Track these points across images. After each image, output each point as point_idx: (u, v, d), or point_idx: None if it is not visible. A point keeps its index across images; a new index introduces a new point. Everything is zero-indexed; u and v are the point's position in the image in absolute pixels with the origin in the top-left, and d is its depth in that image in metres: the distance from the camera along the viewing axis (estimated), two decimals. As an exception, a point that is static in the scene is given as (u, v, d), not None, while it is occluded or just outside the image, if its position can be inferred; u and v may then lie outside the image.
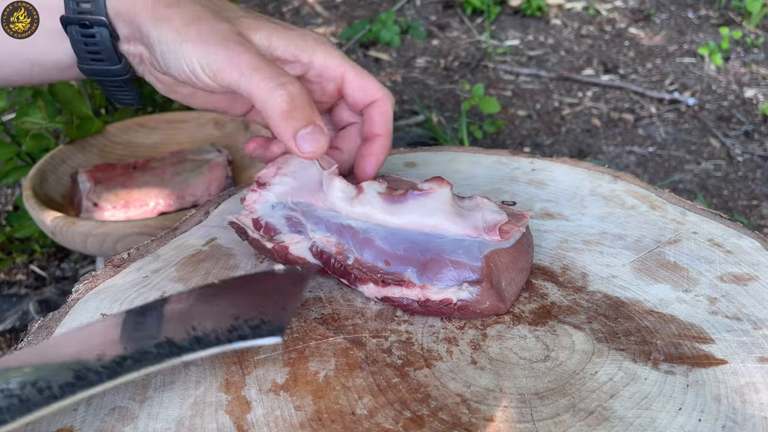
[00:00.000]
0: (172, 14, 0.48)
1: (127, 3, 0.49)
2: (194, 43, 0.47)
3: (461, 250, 0.47)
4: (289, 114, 0.46)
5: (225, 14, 0.50)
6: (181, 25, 0.47)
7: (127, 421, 0.40)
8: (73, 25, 0.49)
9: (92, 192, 0.98)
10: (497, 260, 0.47)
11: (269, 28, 0.50)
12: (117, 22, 0.50)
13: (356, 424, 0.39)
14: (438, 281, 0.46)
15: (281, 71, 0.47)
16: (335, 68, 0.51)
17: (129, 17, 0.49)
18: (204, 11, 0.49)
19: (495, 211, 0.49)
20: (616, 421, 0.39)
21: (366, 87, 0.52)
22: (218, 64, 0.47)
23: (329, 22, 2.30)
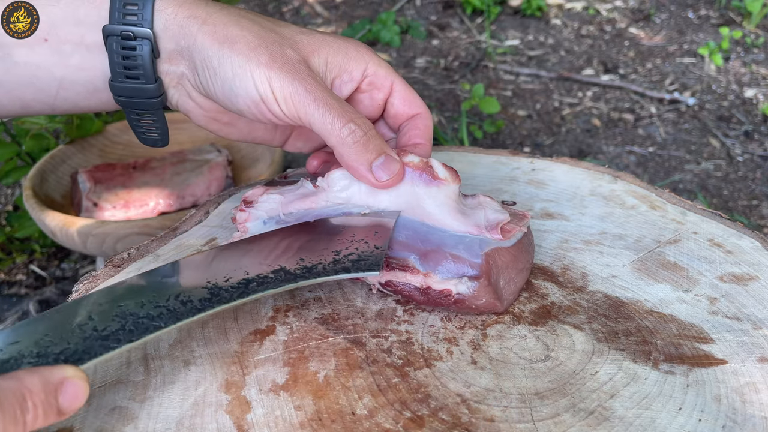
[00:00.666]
0: (236, 36, 0.47)
1: (179, 19, 0.48)
2: (269, 68, 0.47)
3: (462, 245, 0.47)
4: (363, 148, 0.47)
5: (283, 34, 0.49)
6: (248, 49, 0.47)
7: (127, 421, 0.40)
8: (115, 36, 0.48)
9: (92, 192, 0.98)
10: (497, 258, 0.47)
11: (325, 48, 0.50)
12: (163, 37, 0.48)
13: (356, 424, 0.39)
14: (438, 272, 0.46)
15: (349, 108, 0.48)
16: (384, 78, 0.52)
17: (179, 34, 0.48)
18: (266, 33, 0.48)
19: (497, 210, 0.49)
20: (616, 421, 0.39)
21: (411, 100, 0.53)
22: (296, 95, 0.47)
23: (329, 22, 2.30)
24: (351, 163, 0.47)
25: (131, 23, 0.48)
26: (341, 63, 0.51)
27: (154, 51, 0.49)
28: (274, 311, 0.49)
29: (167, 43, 0.49)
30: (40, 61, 0.49)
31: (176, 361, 0.45)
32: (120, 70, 0.49)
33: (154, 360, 0.45)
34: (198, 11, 0.48)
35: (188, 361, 0.44)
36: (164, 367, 0.44)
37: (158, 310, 0.40)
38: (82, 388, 0.35)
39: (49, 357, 0.36)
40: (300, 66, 0.48)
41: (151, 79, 0.50)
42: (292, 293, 0.50)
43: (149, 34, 0.48)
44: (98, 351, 0.37)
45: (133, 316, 0.39)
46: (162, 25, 0.48)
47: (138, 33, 0.48)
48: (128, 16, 0.48)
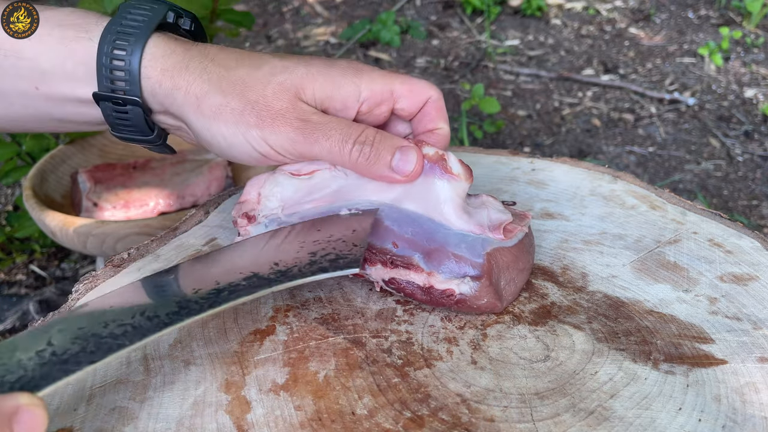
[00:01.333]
0: (220, 106, 0.47)
1: (164, 89, 0.48)
2: (261, 129, 0.47)
3: (464, 245, 0.47)
4: (376, 157, 0.48)
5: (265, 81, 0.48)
6: (235, 116, 0.47)
7: (127, 421, 0.40)
8: (105, 102, 0.49)
9: (92, 192, 0.98)
10: (499, 258, 0.47)
11: (310, 83, 0.49)
12: (152, 101, 0.49)
13: (356, 424, 0.39)
14: (441, 271, 0.46)
15: (346, 126, 0.48)
16: (381, 92, 0.51)
17: (167, 102, 0.49)
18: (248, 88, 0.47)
19: (500, 210, 0.49)
20: (616, 421, 0.39)
21: (414, 91, 0.52)
22: (295, 144, 0.47)
23: (329, 22, 2.30)
24: (374, 176, 0.48)
25: (120, 89, 0.48)
26: (329, 94, 0.49)
27: (145, 111, 0.50)
28: (274, 311, 0.49)
29: (157, 105, 0.50)
30: (36, 105, 0.50)
31: (176, 361, 0.45)
32: (117, 124, 0.50)
33: (154, 360, 0.45)
34: (179, 80, 0.48)
35: (188, 361, 0.44)
36: (164, 367, 0.44)
37: (122, 329, 0.38)
38: (39, 416, 0.32)
39: (4, 386, 0.34)
40: (288, 113, 0.47)
41: (148, 131, 0.51)
42: (292, 293, 0.50)
43: (138, 101, 0.48)
44: (57, 375, 0.35)
45: (95, 336, 0.38)
46: (149, 91, 0.48)
47: (127, 100, 0.48)
48: (116, 81, 0.48)
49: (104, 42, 0.47)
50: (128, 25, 0.48)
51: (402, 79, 0.51)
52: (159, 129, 0.52)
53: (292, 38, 2.22)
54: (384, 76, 0.51)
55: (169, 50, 0.48)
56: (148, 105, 0.49)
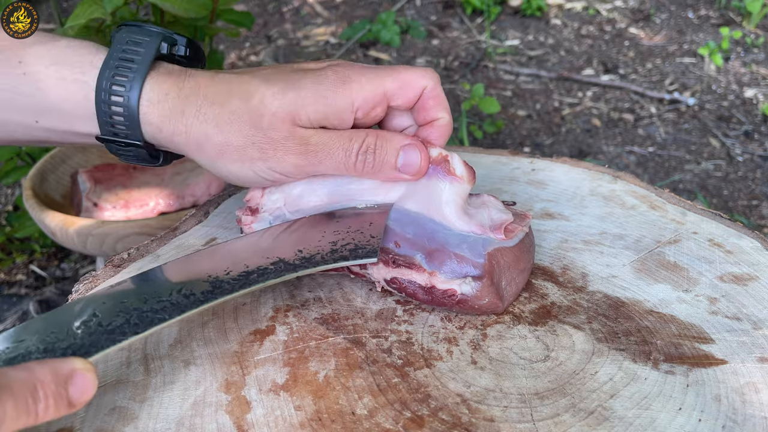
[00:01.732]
0: (222, 145, 0.48)
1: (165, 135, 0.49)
2: (265, 161, 0.48)
3: (465, 245, 0.47)
4: (381, 164, 0.49)
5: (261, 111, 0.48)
6: (239, 153, 0.48)
7: (127, 421, 0.40)
8: (110, 143, 0.50)
9: (92, 192, 0.98)
10: (500, 258, 0.47)
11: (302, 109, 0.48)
12: (154, 142, 0.50)
13: (356, 424, 0.39)
14: (443, 272, 0.46)
15: (346, 139, 0.49)
16: (373, 97, 0.50)
17: (169, 145, 0.50)
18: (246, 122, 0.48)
19: (501, 210, 0.49)
20: (616, 421, 0.39)
21: (405, 86, 0.50)
22: (302, 168, 0.49)
23: (329, 22, 2.30)
24: (382, 179, 0.50)
25: (122, 133, 0.49)
26: (325, 114, 0.49)
27: (148, 149, 0.50)
28: (274, 311, 0.49)
29: (162, 143, 0.50)
30: (37, 134, 0.51)
31: (176, 361, 0.45)
32: (123, 156, 0.52)
33: (154, 360, 0.45)
34: (178, 125, 0.48)
35: (188, 361, 0.44)
36: (164, 367, 0.44)
37: (161, 304, 0.41)
38: (91, 380, 0.36)
39: (57, 352, 0.37)
40: (288, 142, 0.48)
41: (156, 161, 0.52)
42: (292, 293, 0.50)
43: (140, 144, 0.50)
44: (104, 344, 0.38)
45: (137, 310, 0.40)
46: (151, 136, 0.49)
47: (131, 143, 0.50)
48: (117, 125, 0.49)
49: (101, 88, 0.48)
50: (123, 66, 0.48)
51: (393, 76, 0.50)
52: (165, 154, 0.52)
53: (292, 38, 2.22)
54: (373, 80, 0.49)
55: (163, 94, 0.48)
56: (152, 144, 0.50)
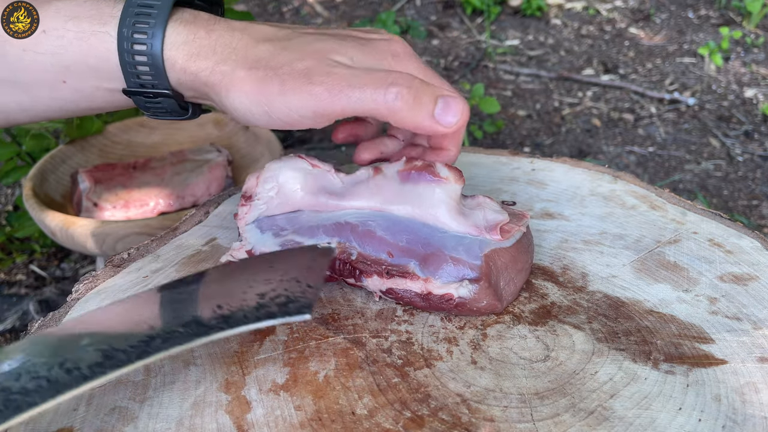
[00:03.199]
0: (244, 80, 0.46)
1: (188, 76, 0.47)
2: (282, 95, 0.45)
3: (461, 247, 0.47)
4: (416, 103, 0.44)
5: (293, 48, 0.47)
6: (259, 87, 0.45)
7: (127, 421, 0.40)
8: (137, 96, 0.49)
9: (92, 192, 0.98)
10: (497, 259, 0.47)
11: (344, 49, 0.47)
12: (181, 88, 0.49)
13: (356, 424, 0.39)
14: (439, 276, 0.46)
15: (382, 73, 0.45)
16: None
17: (194, 88, 0.48)
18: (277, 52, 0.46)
19: (497, 210, 0.49)
20: (616, 421, 0.39)
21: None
22: (315, 101, 0.44)
23: (329, 22, 2.30)
24: (414, 123, 0.45)
25: (148, 83, 0.48)
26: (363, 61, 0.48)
27: (177, 98, 0.49)
28: (274, 311, 0.49)
29: (186, 91, 0.49)
30: (64, 97, 0.50)
31: (176, 361, 0.45)
32: (150, 110, 0.50)
33: (154, 360, 0.45)
34: (206, 62, 0.46)
35: (188, 361, 0.44)
36: (164, 367, 0.44)
37: (36, 383, 0.34)
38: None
39: None
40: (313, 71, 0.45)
41: (182, 112, 0.51)
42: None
43: (168, 93, 0.48)
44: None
45: (5, 392, 0.33)
46: (176, 81, 0.48)
47: (157, 93, 0.48)
48: (143, 76, 0.47)
49: (122, 37, 0.46)
50: (143, 12, 0.46)
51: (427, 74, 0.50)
52: (193, 106, 0.51)
53: (292, 38, 2.21)
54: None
55: (191, 35, 0.47)
56: (178, 92, 0.49)
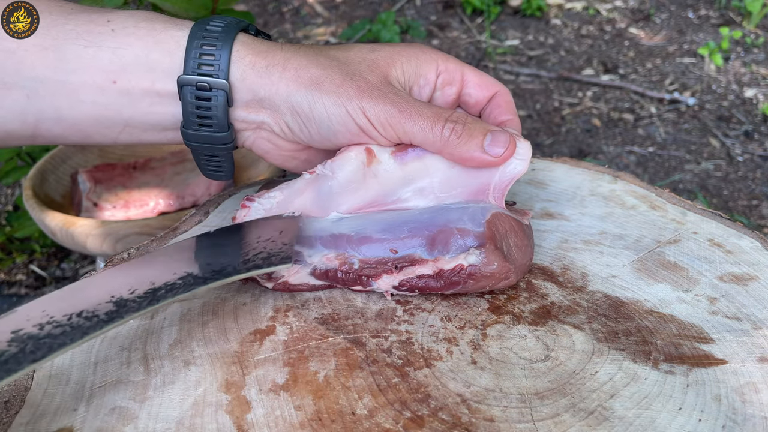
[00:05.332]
0: (320, 77, 0.48)
1: (257, 69, 0.48)
2: (360, 99, 0.47)
3: (466, 216, 0.48)
4: (468, 137, 0.48)
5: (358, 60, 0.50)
6: (336, 86, 0.48)
7: (127, 421, 0.40)
8: (190, 87, 0.48)
9: (92, 192, 0.98)
10: (497, 224, 0.47)
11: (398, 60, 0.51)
12: (239, 88, 0.48)
13: (356, 424, 0.39)
14: (447, 252, 0.47)
15: (438, 108, 0.49)
16: (455, 71, 0.53)
17: (258, 84, 0.48)
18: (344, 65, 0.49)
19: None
20: (616, 421, 0.39)
21: (485, 83, 0.54)
22: (391, 118, 0.47)
23: (329, 22, 2.30)
24: (465, 155, 0.48)
25: (207, 74, 0.47)
26: (415, 69, 0.52)
27: (228, 101, 0.48)
28: (274, 311, 0.49)
29: (244, 93, 0.49)
30: (108, 102, 0.48)
31: (176, 361, 0.45)
32: (193, 119, 0.49)
33: (154, 360, 0.45)
34: (275, 59, 0.48)
35: (188, 361, 0.44)
36: (164, 367, 0.44)
37: (60, 329, 0.37)
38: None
39: None
40: (384, 88, 0.48)
41: (225, 127, 0.49)
42: (292, 293, 0.50)
43: (225, 85, 0.47)
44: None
45: (33, 338, 0.37)
46: (239, 76, 0.48)
47: (214, 84, 0.47)
48: (203, 66, 0.47)
49: (194, 34, 0.47)
50: (215, 24, 0.48)
51: (475, 70, 0.54)
52: (233, 129, 0.50)
53: (292, 38, 2.22)
54: (457, 60, 0.53)
55: (258, 42, 0.49)
56: (233, 95, 0.48)
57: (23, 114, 0.48)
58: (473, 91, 0.54)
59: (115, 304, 0.40)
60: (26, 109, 0.48)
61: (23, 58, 0.47)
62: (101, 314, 0.39)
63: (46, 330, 0.37)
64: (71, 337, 0.37)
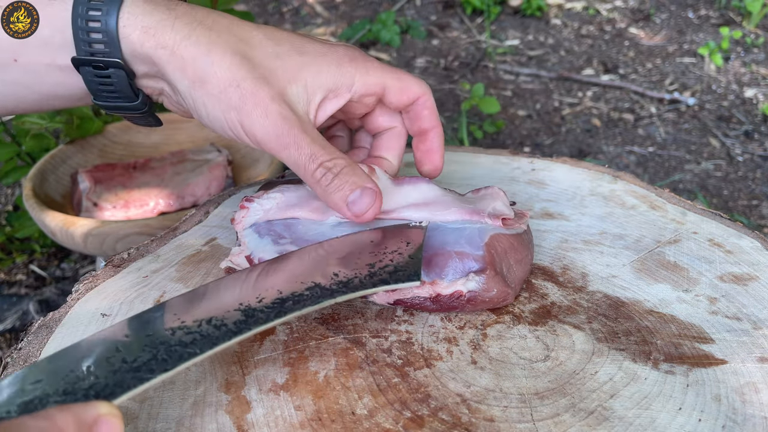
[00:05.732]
0: (206, 74, 0.46)
1: (146, 49, 0.46)
2: (239, 111, 0.46)
3: (463, 239, 0.47)
4: (336, 188, 0.47)
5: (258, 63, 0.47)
6: (219, 91, 0.46)
7: (127, 421, 0.40)
8: (86, 66, 0.47)
9: (92, 192, 0.98)
10: (497, 246, 0.47)
11: (304, 73, 0.48)
12: (134, 62, 0.48)
13: (356, 424, 0.39)
14: (445, 275, 0.46)
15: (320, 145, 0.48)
16: (374, 85, 0.51)
17: (150, 62, 0.47)
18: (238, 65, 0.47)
19: (506, 204, 0.50)
20: (616, 421, 0.39)
21: (405, 89, 0.52)
22: (268, 139, 0.47)
23: (329, 22, 2.30)
24: (330, 203, 0.48)
25: (99, 52, 0.46)
26: (323, 83, 0.49)
27: (128, 74, 0.48)
28: (274, 311, 0.49)
29: (140, 66, 0.48)
30: (16, 79, 0.48)
31: (176, 361, 0.44)
32: (99, 92, 0.49)
33: (154, 360, 0.45)
34: (165, 38, 0.46)
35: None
36: (164, 367, 0.44)
37: (191, 337, 0.37)
38: (117, 426, 0.31)
39: (78, 394, 0.33)
40: (272, 105, 0.47)
41: (132, 97, 0.49)
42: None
43: (119, 63, 0.47)
44: (131, 383, 0.34)
45: (164, 344, 0.36)
46: (130, 52, 0.47)
47: (108, 63, 0.47)
48: (94, 44, 0.46)
49: (78, 4, 0.46)
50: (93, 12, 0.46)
51: (396, 75, 0.52)
52: (143, 95, 0.50)
53: (292, 38, 2.21)
54: (378, 69, 0.51)
55: (149, 8, 0.46)
56: (130, 67, 0.48)
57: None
58: (393, 98, 0.52)
59: (244, 314, 0.39)
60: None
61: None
62: (230, 324, 0.38)
63: (177, 336, 0.37)
64: (201, 347, 0.36)
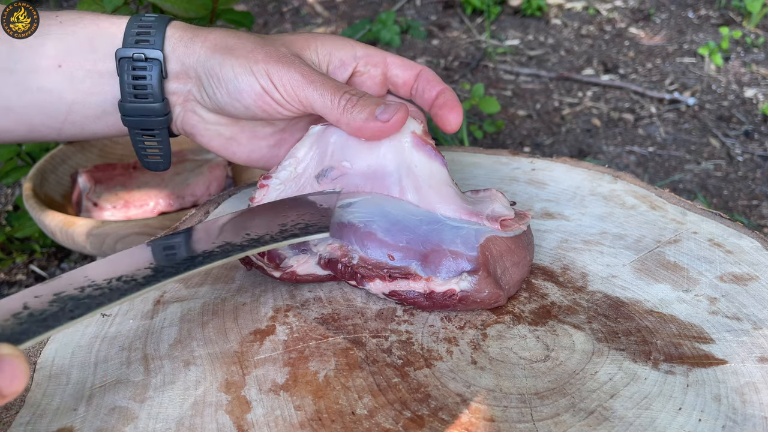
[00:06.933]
0: (234, 44, 0.52)
1: (184, 40, 0.53)
2: (266, 63, 0.51)
3: (459, 239, 0.47)
4: (362, 106, 0.50)
5: (275, 39, 0.54)
6: (246, 51, 0.52)
7: (127, 421, 0.40)
8: (127, 59, 0.52)
9: (92, 192, 0.98)
10: (492, 248, 0.47)
11: (313, 42, 0.55)
12: (171, 59, 0.53)
13: (356, 424, 0.39)
14: (440, 273, 0.46)
15: (344, 84, 0.52)
16: (376, 55, 0.56)
17: (185, 54, 0.53)
18: (260, 39, 0.53)
19: (505, 206, 0.50)
20: (616, 421, 0.39)
21: (407, 64, 0.57)
22: (293, 81, 0.51)
23: (329, 22, 2.30)
24: (356, 123, 0.50)
25: (143, 46, 0.52)
26: (331, 51, 0.55)
27: (162, 72, 0.53)
28: (274, 311, 0.49)
29: (174, 64, 0.53)
30: (52, 86, 0.52)
31: (176, 361, 0.45)
32: (130, 90, 0.53)
33: (154, 360, 0.45)
34: (200, 32, 0.54)
35: (188, 361, 0.44)
36: (164, 367, 0.44)
37: (99, 291, 0.39)
38: (20, 367, 0.31)
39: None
40: (294, 58, 0.52)
41: (159, 98, 0.53)
42: (292, 293, 0.50)
43: (159, 55, 0.52)
44: (36, 331, 0.35)
45: (73, 299, 0.38)
46: (170, 48, 0.53)
47: (149, 55, 0.52)
48: (140, 41, 0.52)
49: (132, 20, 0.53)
50: (150, 15, 0.54)
51: (393, 54, 0.58)
52: (167, 102, 0.54)
53: (292, 38, 2.21)
54: (376, 48, 0.57)
55: (188, 25, 0.54)
56: (166, 66, 0.53)
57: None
58: (399, 71, 0.57)
59: (154, 270, 0.41)
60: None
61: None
62: (139, 278, 0.40)
63: (86, 292, 0.39)
64: (109, 298, 0.38)
